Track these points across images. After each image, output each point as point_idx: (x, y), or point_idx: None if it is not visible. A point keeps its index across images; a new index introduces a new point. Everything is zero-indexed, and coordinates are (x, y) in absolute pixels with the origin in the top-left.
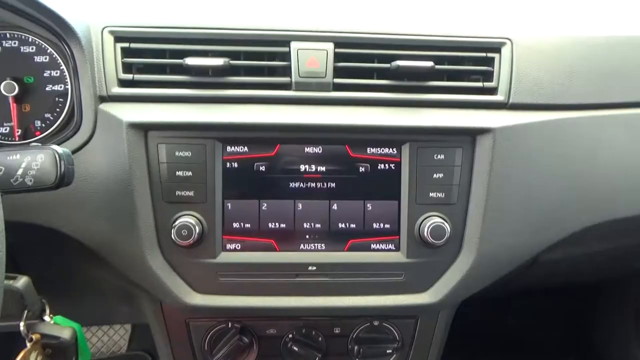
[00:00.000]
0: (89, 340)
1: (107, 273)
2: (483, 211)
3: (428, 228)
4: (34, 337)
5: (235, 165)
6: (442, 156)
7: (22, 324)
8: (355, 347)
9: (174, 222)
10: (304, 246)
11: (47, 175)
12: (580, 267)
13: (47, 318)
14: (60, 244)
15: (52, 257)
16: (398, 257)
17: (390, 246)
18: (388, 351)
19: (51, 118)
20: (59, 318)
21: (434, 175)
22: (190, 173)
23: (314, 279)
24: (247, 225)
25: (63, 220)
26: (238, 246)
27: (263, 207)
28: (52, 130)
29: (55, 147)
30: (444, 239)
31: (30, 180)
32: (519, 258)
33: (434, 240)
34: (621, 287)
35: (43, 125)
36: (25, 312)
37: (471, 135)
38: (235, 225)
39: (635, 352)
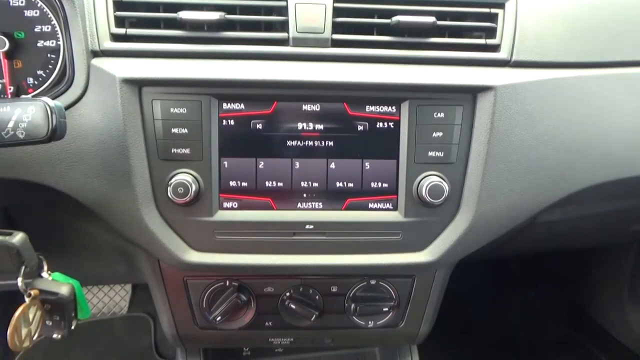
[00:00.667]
0: (89, 301)
1: (104, 231)
2: (482, 170)
3: (426, 187)
4: (32, 292)
5: (232, 122)
6: (442, 114)
7: (19, 279)
8: (352, 306)
9: (170, 179)
10: (302, 205)
11: (39, 128)
12: (578, 229)
13: (45, 274)
14: (56, 202)
15: (47, 215)
16: (396, 216)
17: (388, 205)
18: (384, 309)
19: (43, 75)
20: (57, 275)
21: (434, 134)
22: (185, 130)
23: (311, 238)
24: (244, 184)
25: (58, 177)
26: (235, 204)
27: (260, 166)
28: (45, 87)
29: (46, 99)
30: (442, 198)
31: (22, 133)
32: (517, 218)
33: (432, 200)
34: (615, 254)
35: (35, 82)
36: (23, 268)
37: (472, 93)
38: (232, 183)
39: (629, 317)
